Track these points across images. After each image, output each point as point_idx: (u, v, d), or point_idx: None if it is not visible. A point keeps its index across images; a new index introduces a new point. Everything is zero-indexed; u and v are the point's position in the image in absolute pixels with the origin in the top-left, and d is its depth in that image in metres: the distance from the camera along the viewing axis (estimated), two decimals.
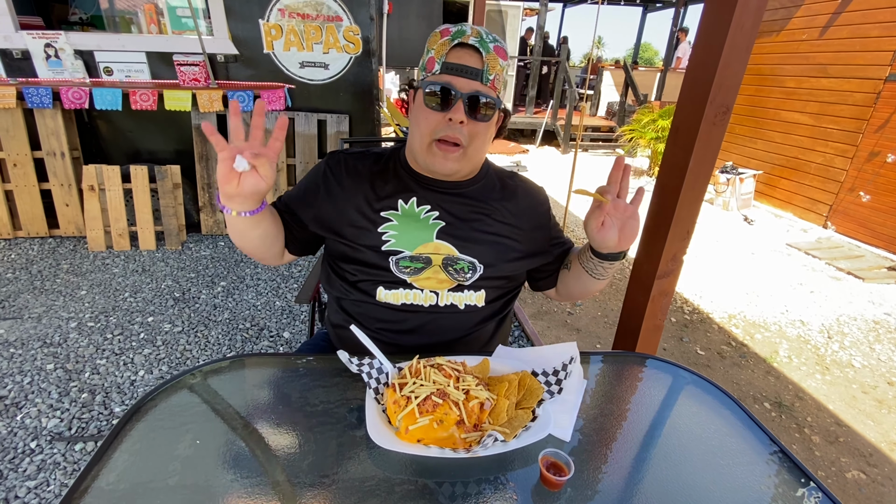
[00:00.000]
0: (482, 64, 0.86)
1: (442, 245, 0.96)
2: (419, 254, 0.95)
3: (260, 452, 0.70)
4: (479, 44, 0.86)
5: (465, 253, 0.97)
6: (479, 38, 0.86)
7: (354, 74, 3.40)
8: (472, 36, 0.86)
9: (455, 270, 0.97)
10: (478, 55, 0.86)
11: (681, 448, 0.79)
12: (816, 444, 2.03)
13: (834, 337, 2.92)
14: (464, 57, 0.86)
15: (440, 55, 0.87)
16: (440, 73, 0.86)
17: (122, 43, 3.18)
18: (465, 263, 0.97)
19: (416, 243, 0.95)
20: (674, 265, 1.24)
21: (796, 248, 4.31)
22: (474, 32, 0.86)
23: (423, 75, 0.90)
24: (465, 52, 0.86)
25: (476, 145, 0.92)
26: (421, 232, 0.96)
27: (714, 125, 1.07)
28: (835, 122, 4.61)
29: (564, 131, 8.12)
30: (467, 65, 0.86)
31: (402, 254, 0.95)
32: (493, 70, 0.87)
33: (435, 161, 0.91)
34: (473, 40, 0.86)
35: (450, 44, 0.86)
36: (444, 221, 0.97)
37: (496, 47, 0.87)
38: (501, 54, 0.88)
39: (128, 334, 2.33)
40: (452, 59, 0.86)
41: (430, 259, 0.96)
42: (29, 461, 1.58)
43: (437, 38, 0.88)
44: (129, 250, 3.22)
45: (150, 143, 3.50)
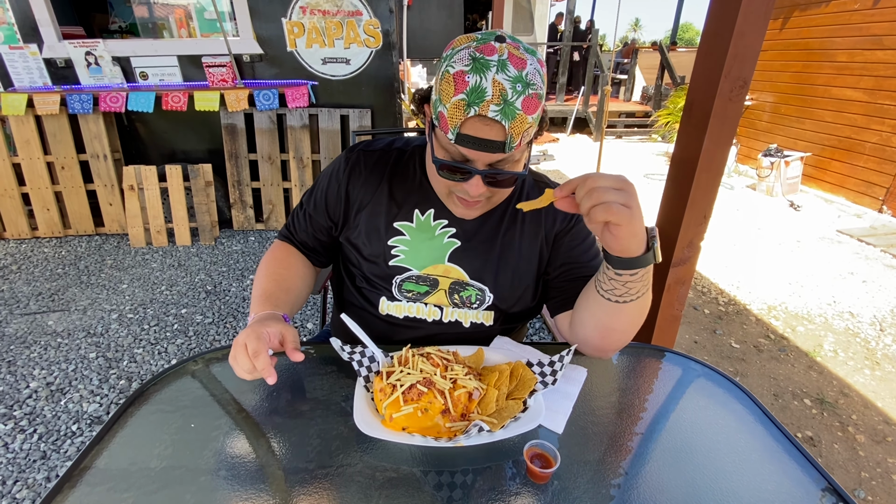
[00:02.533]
0: (505, 135, 0.69)
1: (452, 268, 0.90)
2: (427, 274, 0.90)
3: (253, 438, 0.72)
4: (502, 114, 0.67)
5: (476, 279, 0.90)
6: (501, 105, 0.66)
7: (375, 68, 3.41)
8: (492, 103, 0.66)
9: (461, 298, 0.91)
10: (499, 126, 0.68)
11: (688, 443, 0.74)
12: (861, 444, 1.89)
13: (887, 330, 2.70)
14: (482, 130, 0.69)
15: (454, 123, 0.69)
16: (454, 141, 0.71)
17: (155, 48, 3.33)
18: (473, 291, 0.90)
19: (425, 263, 0.90)
20: (690, 252, 1.18)
21: (848, 235, 4.01)
22: (496, 95, 0.66)
23: (437, 123, 0.74)
24: (483, 123, 0.68)
25: (500, 196, 0.84)
26: (433, 251, 0.89)
27: (730, 100, 1.00)
28: (892, 97, 4.24)
29: (596, 118, 7.88)
30: (486, 138, 0.69)
31: (408, 273, 0.90)
32: (519, 135, 0.70)
33: (455, 210, 0.84)
34: (494, 110, 0.66)
35: (465, 111, 0.67)
36: (459, 241, 0.89)
37: (526, 102, 0.67)
38: (532, 107, 0.68)
39: (163, 325, 2.45)
40: (468, 131, 0.70)
41: (438, 282, 0.90)
42: (70, 443, 1.70)
43: (451, 90, 0.68)
44: (166, 246, 3.38)
45: (183, 143, 3.66)
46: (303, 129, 3.45)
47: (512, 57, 0.67)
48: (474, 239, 0.90)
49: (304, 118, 3.42)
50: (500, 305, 0.92)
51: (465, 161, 0.74)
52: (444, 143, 0.74)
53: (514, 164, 0.76)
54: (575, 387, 0.83)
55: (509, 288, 0.91)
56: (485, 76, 0.66)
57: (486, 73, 0.66)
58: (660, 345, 1.32)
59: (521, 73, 0.67)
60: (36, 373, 2.06)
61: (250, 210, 3.64)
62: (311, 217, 0.97)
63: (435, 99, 0.73)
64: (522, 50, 0.69)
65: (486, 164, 0.74)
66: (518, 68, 0.67)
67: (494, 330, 0.95)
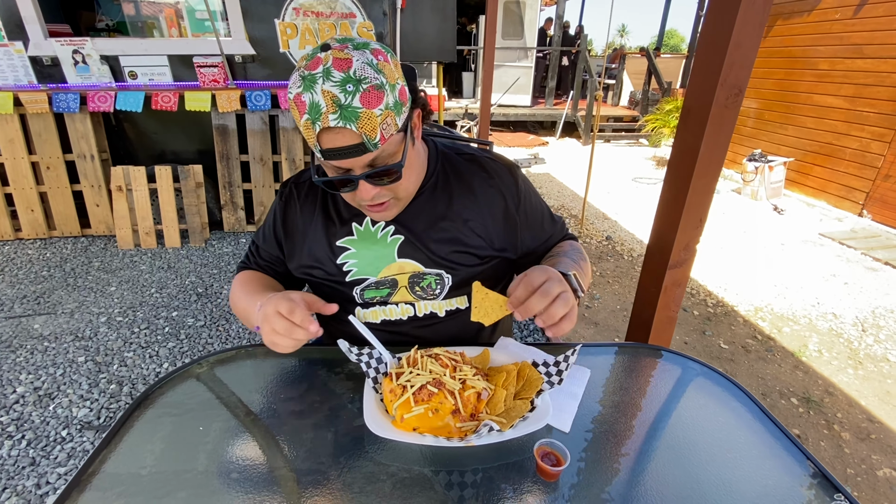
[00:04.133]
0: (359, 136, 0.69)
1: (406, 263, 0.91)
2: (384, 277, 0.91)
3: (262, 441, 0.72)
4: (342, 118, 0.67)
5: (431, 267, 0.91)
6: (338, 111, 0.67)
7: None
8: (329, 112, 0.67)
9: (422, 289, 0.92)
10: (347, 130, 0.69)
11: (688, 441, 0.76)
12: (846, 441, 1.95)
13: (869, 330, 2.78)
14: (336, 139, 0.70)
15: (312, 142, 0.71)
16: (323, 158, 0.73)
17: (145, 47, 3.29)
18: (431, 278, 0.91)
19: (378, 267, 0.91)
20: (686, 254, 1.20)
21: (830, 238, 4.12)
22: (329, 105, 0.67)
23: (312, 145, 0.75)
24: (333, 133, 0.69)
25: (403, 186, 0.82)
26: (381, 253, 0.91)
27: (726, 107, 1.03)
28: (871, 104, 4.38)
29: (585, 122, 7.97)
30: (344, 146, 0.70)
31: (366, 282, 0.91)
32: (375, 131, 0.70)
33: (375, 217, 0.87)
34: (333, 118, 0.67)
35: (312, 129, 0.69)
36: (402, 236, 0.90)
37: (364, 97, 0.67)
38: (374, 100, 0.68)
39: (154, 328, 2.41)
40: (326, 145, 0.71)
41: (396, 281, 0.92)
42: (60, 449, 1.66)
43: (297, 114, 0.70)
44: (155, 248, 3.34)
45: (173, 143, 3.61)
46: (295, 131, 3.43)
47: (336, 61, 0.68)
48: (415, 228, 0.90)
49: None
50: (461, 285, 0.92)
51: (345, 171, 0.75)
52: (322, 162, 0.76)
53: (389, 157, 0.76)
54: (579, 387, 0.85)
55: (460, 264, 0.91)
56: (314, 91, 0.67)
57: (314, 87, 0.67)
58: (656, 344, 1.35)
59: (349, 72, 0.67)
60: (23, 377, 2.01)
61: (241, 212, 3.61)
62: (266, 252, 1.01)
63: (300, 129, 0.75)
64: (350, 49, 0.69)
65: (362, 167, 0.74)
66: (343, 70, 0.67)
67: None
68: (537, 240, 0.99)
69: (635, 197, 5.27)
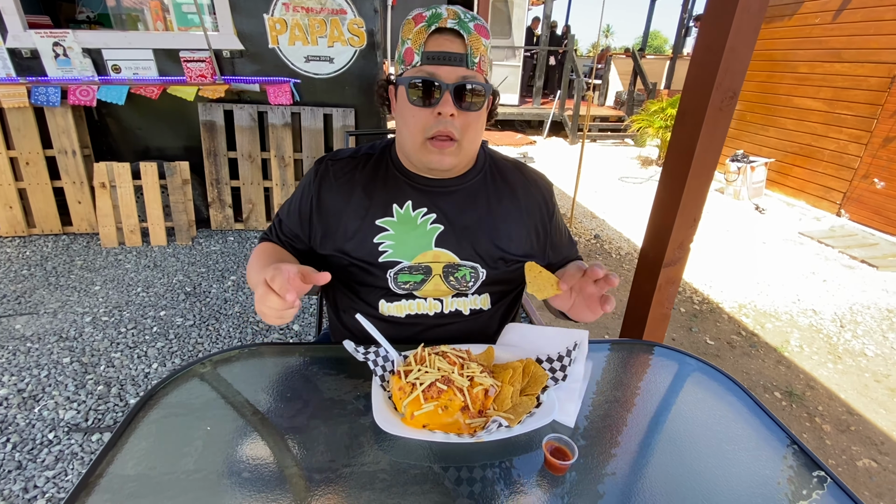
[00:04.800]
0: (465, 48, 0.80)
1: (441, 253, 0.92)
2: (418, 263, 0.91)
3: (270, 440, 0.72)
4: (459, 25, 0.79)
5: (467, 259, 0.92)
6: (457, 20, 0.79)
7: (360, 68, 3.39)
8: (449, 18, 0.79)
9: (456, 280, 0.93)
10: (459, 39, 0.80)
11: (686, 434, 0.79)
12: (827, 433, 2.02)
13: (847, 326, 2.88)
14: (444, 43, 0.79)
15: (418, 45, 0.80)
16: (420, 63, 0.80)
17: (129, 41, 3.21)
18: (466, 270, 0.93)
19: (414, 252, 0.91)
20: (681, 253, 1.23)
21: (809, 237, 4.25)
22: (451, 14, 0.80)
23: (402, 68, 0.84)
24: (444, 37, 0.80)
25: (470, 136, 0.86)
26: (419, 240, 0.91)
27: (721, 110, 1.05)
28: (848, 107, 4.52)
29: (572, 122, 8.05)
30: (449, 51, 0.79)
31: (399, 265, 0.91)
32: (478, 52, 0.81)
33: (431, 159, 0.86)
34: (452, 23, 0.79)
35: (426, 30, 0.79)
36: (442, 225, 0.92)
37: (477, 26, 0.81)
38: (483, 33, 0.82)
39: (141, 328, 2.37)
40: (432, 48, 0.79)
41: (430, 268, 0.92)
42: (47, 452, 1.63)
43: (412, 25, 0.81)
44: (140, 246, 3.27)
45: (158, 139, 3.54)
46: (285, 128, 3.39)
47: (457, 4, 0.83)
48: (457, 221, 0.92)
49: (287, 116, 3.37)
50: (493, 282, 0.95)
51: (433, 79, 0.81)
52: (412, 75, 0.82)
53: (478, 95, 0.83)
54: (582, 382, 0.87)
55: (496, 261, 0.94)
56: (439, 9, 0.81)
57: (439, 8, 0.81)
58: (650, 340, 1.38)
59: (468, 11, 0.83)
60: (5, 379, 1.96)
61: (229, 209, 3.56)
62: (288, 228, 0.99)
63: (399, 52, 0.85)
64: None
65: (452, 81, 0.81)
66: (464, 8, 0.83)
67: (493, 313, 0.99)
68: (558, 255, 1.04)
69: (622, 196, 5.35)
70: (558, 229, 1.03)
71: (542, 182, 1.03)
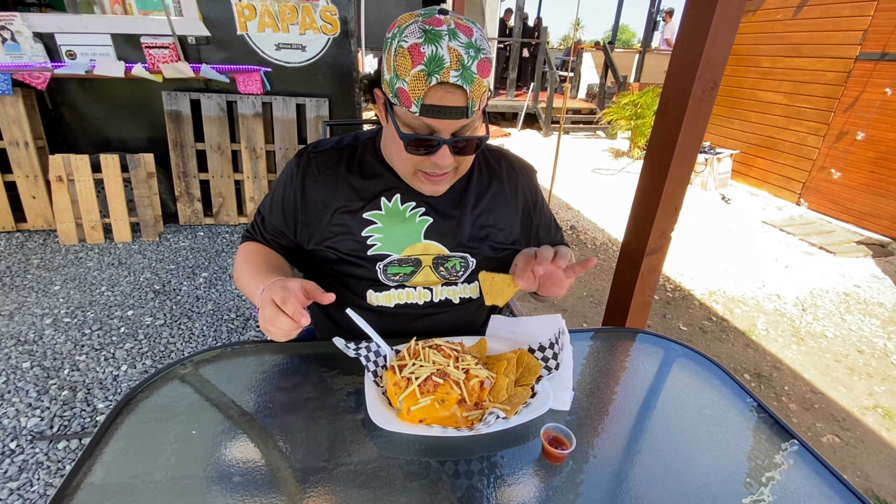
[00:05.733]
0: (466, 100, 0.72)
1: (431, 245, 0.91)
2: (407, 256, 0.90)
3: (259, 441, 0.69)
4: (462, 78, 0.70)
5: (456, 250, 0.92)
6: (460, 70, 0.70)
7: (333, 56, 3.31)
8: (452, 69, 0.69)
9: (447, 270, 0.93)
10: (461, 92, 0.72)
11: (677, 418, 0.80)
12: (794, 412, 2.12)
13: (808, 309, 3.03)
14: (445, 97, 0.72)
15: (416, 95, 0.71)
16: (419, 114, 0.73)
17: (84, 25, 3.02)
18: (456, 261, 0.93)
19: (403, 245, 0.90)
20: (662, 242, 1.26)
21: (771, 226, 4.43)
22: (454, 61, 0.69)
23: (395, 101, 0.75)
24: (445, 91, 0.71)
25: (465, 166, 0.86)
26: (408, 232, 0.90)
27: (702, 101, 1.07)
28: (808, 101, 4.72)
29: (546, 114, 8.11)
30: (450, 105, 0.72)
31: (389, 258, 0.90)
32: (479, 99, 0.74)
33: (423, 188, 0.86)
34: (455, 75, 0.70)
35: (426, 82, 0.70)
36: (431, 218, 0.91)
37: (480, 66, 0.71)
38: (485, 71, 0.73)
39: (107, 329, 2.26)
40: (432, 101, 0.72)
41: (420, 261, 0.91)
42: (10, 462, 1.53)
43: (407, 63, 0.70)
44: (103, 243, 3.11)
45: (119, 130, 3.36)
46: (255, 118, 3.28)
47: (459, 26, 0.71)
48: (445, 212, 0.92)
49: (258, 106, 3.25)
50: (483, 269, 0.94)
51: (430, 133, 0.76)
52: (408, 119, 0.76)
53: (474, 130, 0.80)
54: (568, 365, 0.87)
55: (485, 250, 0.94)
56: (439, 45, 0.69)
57: (439, 42, 0.69)
58: (632, 327, 1.41)
59: (471, 39, 0.71)
60: None
61: (198, 203, 3.42)
62: (271, 225, 0.96)
63: (390, 77, 0.74)
64: (465, 21, 0.74)
65: (450, 133, 0.76)
66: (467, 35, 0.71)
67: (482, 302, 0.98)
68: (546, 241, 1.05)
69: (595, 187, 5.45)
70: (544, 215, 1.05)
71: (528, 170, 1.04)
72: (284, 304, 0.69)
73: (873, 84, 4.10)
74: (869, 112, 4.14)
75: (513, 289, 0.78)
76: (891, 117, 4.00)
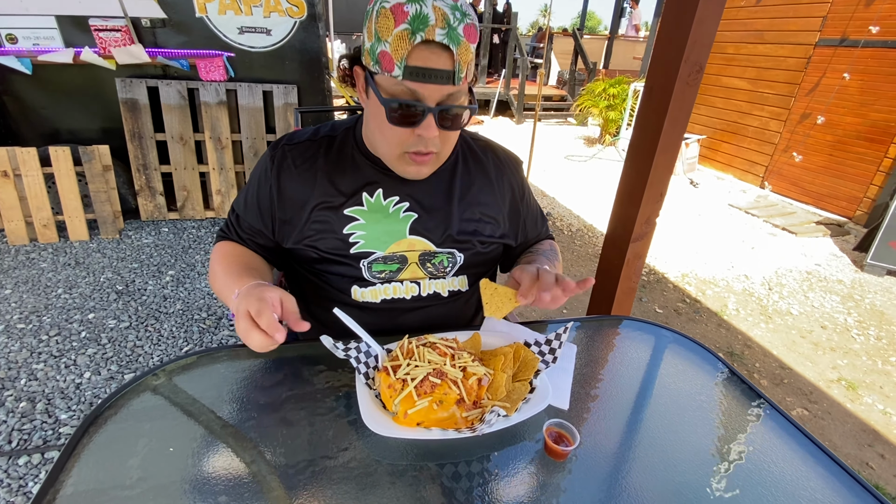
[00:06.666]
0: (453, 63, 0.68)
1: (417, 241, 0.87)
2: (392, 253, 0.86)
3: (243, 455, 0.64)
4: (448, 37, 0.66)
5: (444, 246, 0.89)
6: (446, 29, 0.66)
7: (300, 41, 3.17)
8: (437, 27, 0.65)
9: (433, 266, 0.90)
10: (447, 53, 0.68)
11: (676, 407, 0.80)
12: (765, 388, 2.20)
13: (774, 288, 3.15)
14: (430, 58, 0.67)
15: (399, 56, 0.67)
16: (402, 78, 0.68)
17: (24, 6, 2.78)
18: (443, 256, 0.89)
19: (387, 242, 0.86)
20: (647, 228, 1.26)
21: (737, 208, 4.58)
22: (439, 19, 0.65)
23: (377, 68, 0.71)
24: (430, 51, 0.67)
25: (449, 146, 0.81)
26: (392, 229, 0.86)
27: (688, 84, 1.06)
28: (770, 86, 4.87)
29: (518, 101, 8.10)
30: (435, 67, 0.68)
31: (373, 256, 0.86)
32: (465, 64, 0.70)
33: (407, 171, 0.81)
34: (440, 33, 0.66)
35: (409, 40, 0.66)
36: (416, 213, 0.87)
37: (466, 29, 0.68)
38: (472, 36, 0.70)
39: (66, 334, 2.12)
40: (416, 62, 0.67)
41: (406, 257, 0.87)
42: None
43: (390, 24, 0.66)
44: (57, 242, 2.91)
45: (70, 121, 3.13)
46: (219, 106, 3.12)
47: None
48: (431, 207, 0.88)
49: (221, 93, 3.09)
50: (471, 264, 0.93)
51: (415, 100, 0.71)
52: (391, 87, 0.71)
53: (461, 101, 0.75)
54: (570, 362, 0.86)
55: (473, 245, 0.91)
56: (423, 4, 0.66)
57: (423, 5, 0.66)
58: (618, 314, 1.41)
59: (456, 2, 0.68)
60: None
61: (161, 198, 3.25)
62: (247, 223, 0.90)
63: (371, 44, 0.70)
64: None
65: (436, 101, 0.72)
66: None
67: (471, 295, 0.96)
68: (533, 233, 1.03)
69: (569, 174, 5.49)
70: (531, 208, 1.03)
71: (514, 161, 1.01)
72: (259, 316, 0.64)
73: (832, 69, 4.25)
74: (828, 97, 4.30)
75: (513, 304, 0.75)
76: (848, 101, 4.17)
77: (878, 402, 2.15)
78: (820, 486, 0.66)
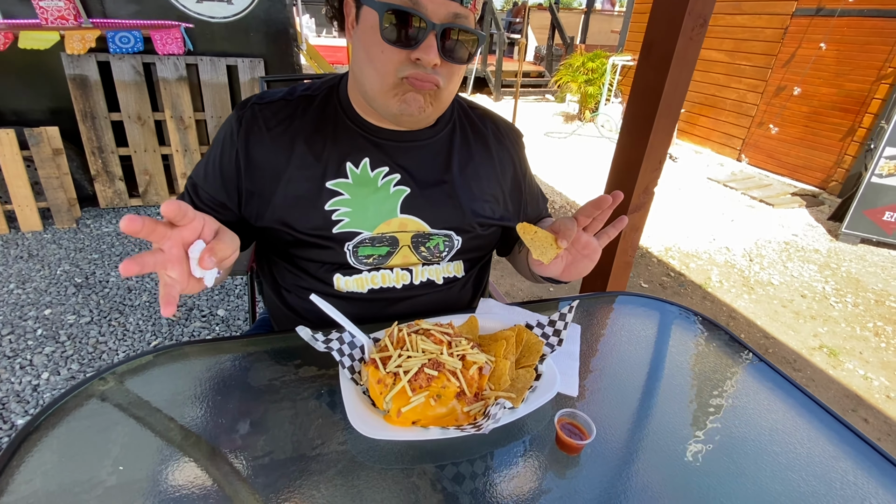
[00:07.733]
0: None
1: (409, 220, 0.76)
2: (381, 234, 0.75)
3: (211, 469, 0.55)
4: None
5: (440, 227, 0.78)
6: None
7: (265, 10, 2.95)
8: None
9: (428, 250, 0.79)
10: None
11: (695, 389, 0.74)
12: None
13: (755, 260, 3.17)
14: None
15: None
16: None
17: None
18: (439, 239, 0.79)
19: (376, 221, 0.75)
20: (646, 197, 1.19)
21: (715, 181, 4.61)
22: None
23: None
24: None
25: (451, 88, 0.70)
26: (381, 206, 0.75)
27: (691, 40, 0.98)
28: (747, 58, 4.86)
29: (496, 78, 7.93)
30: None
31: (359, 237, 0.74)
32: None
33: (399, 107, 0.67)
34: None
35: None
36: (408, 188, 0.76)
37: None
38: None
39: (20, 332, 1.95)
40: None
41: (397, 239, 0.77)
42: None
43: None
44: (7, 234, 2.69)
45: (12, 100, 2.86)
46: (180, 82, 2.90)
47: None
48: (425, 182, 0.77)
49: (181, 68, 2.87)
50: (469, 249, 0.83)
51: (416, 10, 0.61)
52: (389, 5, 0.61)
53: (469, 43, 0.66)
54: (575, 345, 0.79)
55: (472, 226, 0.81)
56: None
57: None
58: (614, 290, 1.35)
59: None
60: None
61: (120, 183, 3.03)
62: (206, 194, 0.76)
63: None
64: None
65: (441, 19, 0.63)
66: None
67: (466, 281, 0.87)
68: (534, 213, 0.94)
69: (549, 151, 5.42)
70: (532, 186, 0.93)
71: (516, 134, 0.90)
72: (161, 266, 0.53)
73: (808, 39, 4.26)
74: (804, 67, 4.31)
75: (555, 250, 0.66)
76: (824, 72, 4.19)
77: (859, 367, 2.18)
78: (851, 468, 0.61)
